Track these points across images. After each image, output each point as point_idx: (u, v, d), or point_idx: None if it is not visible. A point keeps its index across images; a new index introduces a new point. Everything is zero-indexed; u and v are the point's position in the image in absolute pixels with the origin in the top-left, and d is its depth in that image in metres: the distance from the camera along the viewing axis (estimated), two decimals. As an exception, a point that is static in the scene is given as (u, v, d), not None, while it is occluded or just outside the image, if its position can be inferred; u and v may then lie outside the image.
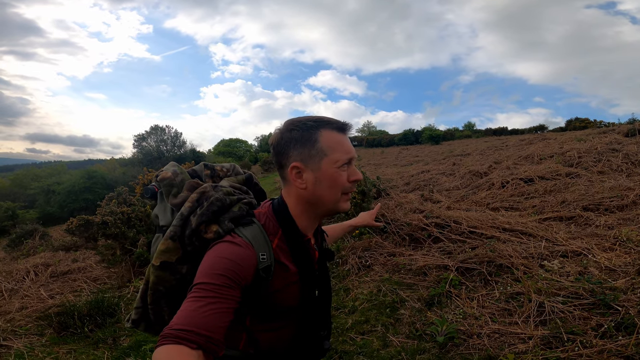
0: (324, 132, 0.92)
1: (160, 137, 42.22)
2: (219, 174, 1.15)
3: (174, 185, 1.02)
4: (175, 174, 1.04)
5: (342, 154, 0.92)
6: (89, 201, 27.78)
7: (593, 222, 4.13)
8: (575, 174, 6.40)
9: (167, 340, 0.69)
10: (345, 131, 0.97)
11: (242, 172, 1.18)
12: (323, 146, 0.92)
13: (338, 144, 0.93)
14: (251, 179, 1.16)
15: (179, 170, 1.07)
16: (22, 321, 3.53)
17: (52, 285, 4.85)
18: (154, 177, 1.07)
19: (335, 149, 0.92)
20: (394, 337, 2.75)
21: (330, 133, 0.93)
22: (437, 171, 10.77)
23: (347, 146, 0.95)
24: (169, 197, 1.02)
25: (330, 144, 0.92)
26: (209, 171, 1.14)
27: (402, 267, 3.99)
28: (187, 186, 1.00)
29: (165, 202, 1.05)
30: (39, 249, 7.81)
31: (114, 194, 6.79)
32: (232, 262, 0.82)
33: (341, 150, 0.93)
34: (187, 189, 0.99)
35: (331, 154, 0.92)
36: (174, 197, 1.00)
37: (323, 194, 0.93)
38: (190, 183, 1.01)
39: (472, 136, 33.17)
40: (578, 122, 25.52)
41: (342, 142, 0.94)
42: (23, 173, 41.96)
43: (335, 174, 0.92)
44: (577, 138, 10.47)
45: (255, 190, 1.15)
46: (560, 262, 3.14)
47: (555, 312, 2.40)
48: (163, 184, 1.03)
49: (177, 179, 1.03)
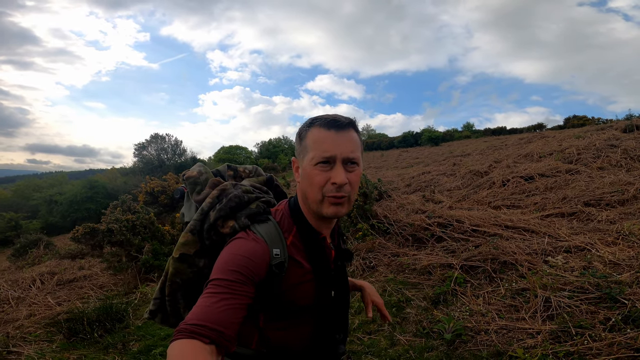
0: (313, 129, 0.92)
1: (160, 146, 42.38)
2: (241, 174, 1.19)
3: (198, 183, 1.07)
4: (200, 173, 1.09)
5: (318, 151, 0.88)
6: (91, 210, 27.88)
7: (595, 217, 4.16)
8: (575, 170, 6.44)
9: (181, 335, 0.71)
10: (336, 128, 0.89)
11: (264, 173, 1.21)
12: (307, 143, 0.92)
13: (317, 142, 0.89)
14: (272, 180, 1.18)
15: (204, 169, 1.12)
16: (31, 328, 3.55)
17: (58, 292, 4.87)
18: (181, 176, 1.12)
19: (314, 147, 0.89)
20: (401, 335, 2.77)
21: (317, 130, 0.90)
22: (438, 172, 10.81)
23: (327, 145, 0.88)
24: (192, 195, 1.06)
25: (312, 141, 0.90)
26: (231, 172, 1.18)
27: (407, 267, 4.01)
28: (209, 184, 1.05)
29: (190, 199, 1.09)
30: (44, 258, 7.84)
31: (118, 202, 6.85)
32: (245, 258, 0.85)
33: (319, 148, 0.88)
34: (209, 187, 1.04)
35: (310, 151, 0.90)
36: (197, 194, 1.05)
37: (306, 190, 0.92)
38: (212, 181, 1.05)
39: (472, 136, 33.19)
40: (576, 120, 25.54)
41: (323, 139, 0.89)
42: (24, 184, 42.17)
43: (311, 172, 0.90)
44: (575, 135, 10.53)
45: (276, 191, 1.17)
46: (564, 257, 3.17)
47: (562, 307, 2.42)
48: (188, 182, 1.08)
49: (202, 177, 1.08)
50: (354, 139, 0.92)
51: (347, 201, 0.91)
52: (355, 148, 0.91)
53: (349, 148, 0.89)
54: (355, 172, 0.92)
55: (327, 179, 0.88)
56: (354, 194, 0.93)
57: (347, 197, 0.90)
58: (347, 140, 0.90)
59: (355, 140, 0.93)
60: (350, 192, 0.91)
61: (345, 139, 0.90)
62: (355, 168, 0.91)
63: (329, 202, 0.89)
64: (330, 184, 0.88)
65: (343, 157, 0.88)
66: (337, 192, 0.88)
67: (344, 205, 0.91)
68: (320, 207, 0.91)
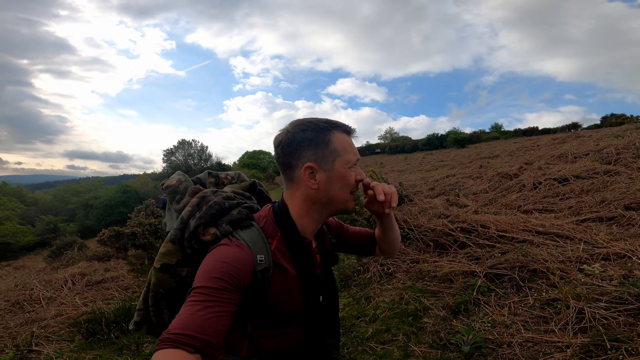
0: (336, 134, 0.96)
1: (187, 151, 44.02)
2: (223, 181, 1.17)
3: (177, 192, 1.07)
4: (179, 182, 1.09)
5: (352, 155, 0.97)
6: (124, 214, 29.29)
7: (636, 221, 3.78)
8: (614, 171, 5.94)
9: (165, 345, 0.69)
10: (352, 134, 1.01)
11: (247, 179, 1.19)
12: (336, 147, 0.95)
13: (349, 146, 0.98)
14: (255, 185, 1.16)
15: (184, 178, 1.11)
16: (55, 327, 3.70)
17: (86, 293, 5.08)
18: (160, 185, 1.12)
19: (347, 150, 0.96)
20: (416, 346, 2.62)
21: (341, 135, 0.97)
22: (463, 175, 10.39)
23: (355, 148, 1.00)
24: (172, 204, 1.06)
25: (343, 145, 0.96)
26: (213, 179, 1.16)
27: (426, 274, 3.82)
28: (189, 192, 1.04)
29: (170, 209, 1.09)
30: (77, 260, 8.25)
31: (142, 207, 7.09)
32: (228, 265, 0.82)
33: (352, 151, 0.97)
34: (189, 195, 1.03)
35: (344, 154, 0.95)
36: (177, 203, 1.05)
37: (335, 193, 0.96)
38: (192, 189, 1.04)
39: (500, 138, 31.74)
40: (614, 119, 23.82)
41: (351, 144, 0.99)
42: (64, 189, 45.20)
43: (347, 173, 0.96)
44: (614, 134, 9.81)
45: (260, 197, 1.15)
46: (602, 265, 2.88)
47: (597, 319, 2.18)
48: (168, 191, 1.08)
49: (181, 186, 1.08)
50: None
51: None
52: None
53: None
54: None
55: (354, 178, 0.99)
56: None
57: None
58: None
59: None
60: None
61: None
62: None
63: (352, 197, 1.00)
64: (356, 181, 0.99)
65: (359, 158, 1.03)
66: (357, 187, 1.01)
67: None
68: (347, 204, 0.99)
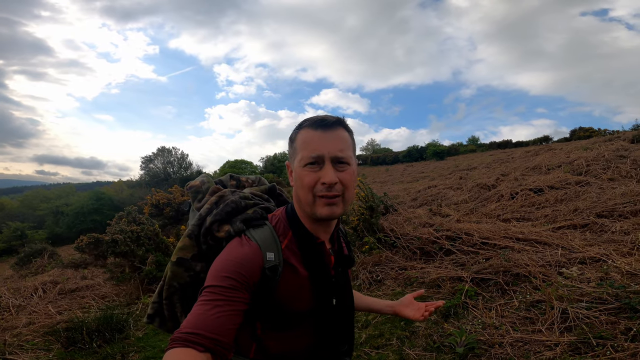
0: (302, 131, 0.91)
1: (167, 159, 42.81)
2: (244, 184, 1.19)
3: (199, 192, 1.10)
4: (202, 183, 1.12)
5: (306, 152, 0.87)
6: (96, 222, 28.00)
7: (608, 228, 4.04)
8: (585, 182, 6.32)
9: (176, 344, 0.71)
10: (324, 127, 0.88)
11: (267, 183, 1.21)
12: (297, 145, 0.91)
13: (306, 143, 0.88)
14: (274, 189, 1.17)
15: (207, 179, 1.14)
16: (29, 336, 3.48)
17: (60, 302, 4.81)
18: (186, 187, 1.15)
19: (303, 148, 0.88)
20: (410, 350, 2.66)
21: (306, 131, 0.89)
22: (444, 186, 10.69)
23: (315, 144, 0.87)
24: (194, 203, 1.09)
25: (301, 142, 0.89)
26: (234, 182, 1.19)
27: (415, 280, 3.90)
28: (209, 191, 1.07)
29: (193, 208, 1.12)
30: (48, 267, 7.80)
31: (123, 213, 6.83)
32: (237, 263, 0.84)
33: (307, 148, 0.87)
34: (209, 194, 1.06)
35: (300, 152, 0.89)
36: (198, 202, 1.07)
37: (299, 193, 0.91)
38: (212, 189, 1.07)
39: (477, 150, 33.00)
40: (582, 132, 25.04)
41: (311, 140, 0.88)
42: (32, 194, 42.73)
43: (301, 173, 0.88)
44: (583, 147, 10.42)
45: (279, 200, 1.16)
46: (580, 268, 3.06)
47: (580, 318, 2.31)
48: (191, 192, 1.11)
49: (204, 187, 1.11)
50: (344, 138, 0.90)
51: (341, 201, 0.88)
52: (345, 147, 0.89)
53: (337, 147, 0.87)
54: (347, 171, 0.88)
55: (316, 180, 0.86)
56: (349, 193, 0.89)
57: (340, 196, 0.87)
58: (336, 138, 0.88)
59: (345, 139, 0.90)
60: (343, 191, 0.87)
61: (333, 137, 0.88)
62: (346, 167, 0.88)
63: (322, 202, 0.87)
64: (320, 184, 0.86)
65: (331, 156, 0.86)
66: (328, 191, 0.85)
67: (339, 205, 0.88)
68: (313, 209, 0.88)
